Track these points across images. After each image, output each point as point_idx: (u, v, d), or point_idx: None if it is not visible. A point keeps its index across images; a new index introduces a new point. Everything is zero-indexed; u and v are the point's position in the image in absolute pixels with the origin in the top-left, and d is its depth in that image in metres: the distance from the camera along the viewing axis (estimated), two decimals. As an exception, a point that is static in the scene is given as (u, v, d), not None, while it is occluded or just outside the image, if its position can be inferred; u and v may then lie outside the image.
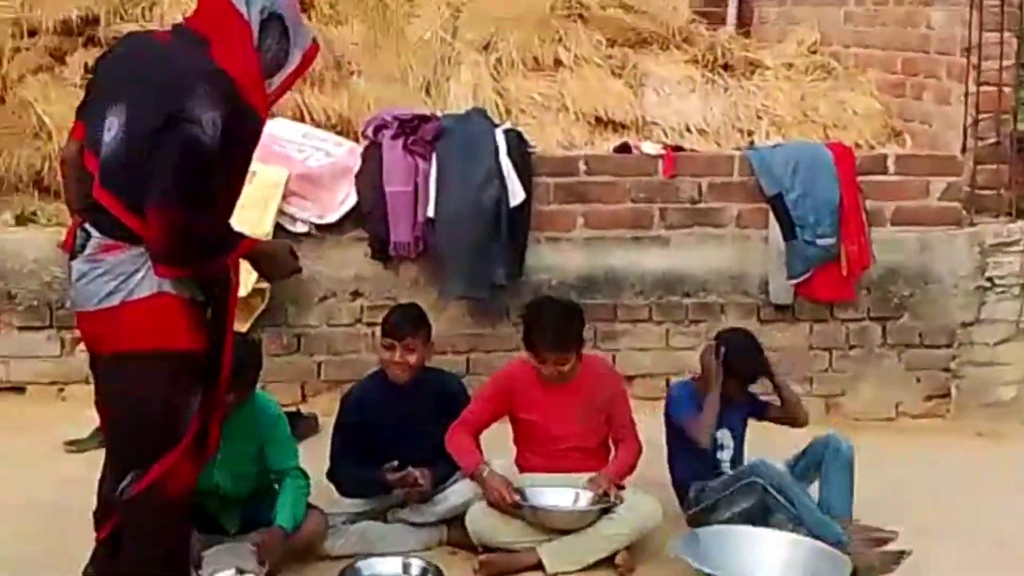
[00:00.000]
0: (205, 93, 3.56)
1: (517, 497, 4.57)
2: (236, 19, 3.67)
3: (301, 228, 5.99)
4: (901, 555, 4.66)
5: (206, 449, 3.89)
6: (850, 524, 4.81)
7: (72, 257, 3.78)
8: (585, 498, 4.67)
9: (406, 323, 4.87)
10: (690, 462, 4.97)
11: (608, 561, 4.61)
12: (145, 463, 3.71)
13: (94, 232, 3.70)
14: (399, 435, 4.84)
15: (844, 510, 4.88)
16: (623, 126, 6.86)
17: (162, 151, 3.54)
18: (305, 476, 4.65)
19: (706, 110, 6.99)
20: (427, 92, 6.84)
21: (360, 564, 4.50)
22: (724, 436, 5.00)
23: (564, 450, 4.84)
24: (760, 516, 4.76)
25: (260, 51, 3.72)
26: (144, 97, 3.62)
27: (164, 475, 3.70)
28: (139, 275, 3.66)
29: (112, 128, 3.63)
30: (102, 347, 3.78)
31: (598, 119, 6.86)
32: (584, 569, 4.58)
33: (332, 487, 4.89)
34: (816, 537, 4.62)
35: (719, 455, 4.99)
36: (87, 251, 3.71)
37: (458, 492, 4.81)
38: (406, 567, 4.57)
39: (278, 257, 4.03)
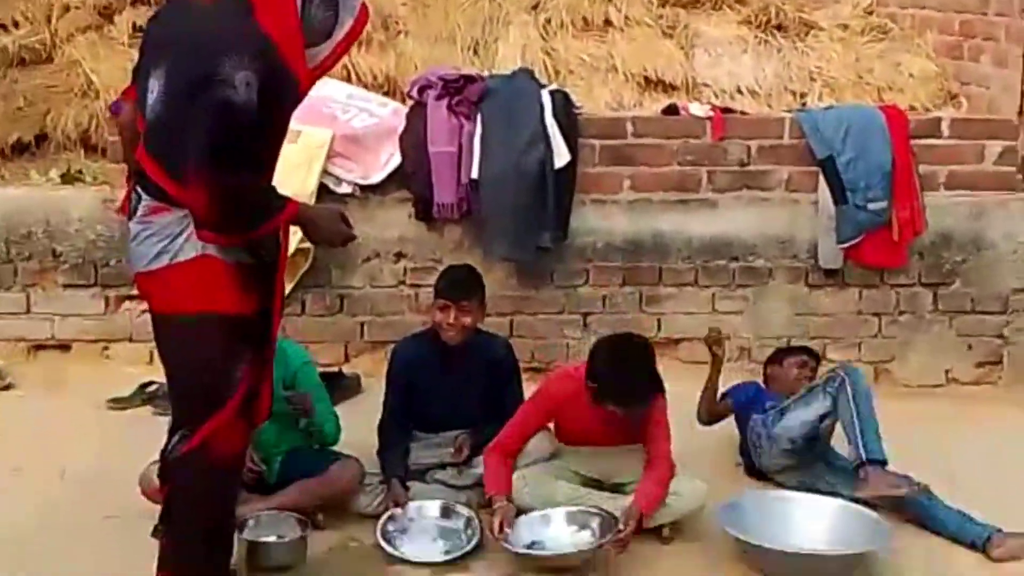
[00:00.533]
0: (240, 53, 3.51)
1: (508, 532, 4.39)
2: None
3: (346, 189, 5.97)
4: None
5: (257, 413, 3.87)
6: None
7: (129, 218, 3.80)
8: (592, 528, 4.49)
9: (462, 284, 4.84)
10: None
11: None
12: (194, 424, 3.72)
13: (143, 194, 3.72)
14: (446, 397, 4.86)
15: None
16: (673, 87, 6.76)
17: (196, 114, 3.51)
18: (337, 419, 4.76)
19: (758, 71, 6.87)
20: (475, 52, 6.79)
21: (395, 511, 4.58)
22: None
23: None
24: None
25: (306, 17, 3.67)
26: (182, 58, 3.58)
27: (210, 437, 3.70)
28: (182, 238, 3.67)
29: (154, 90, 3.61)
30: (154, 306, 3.80)
31: (648, 80, 6.77)
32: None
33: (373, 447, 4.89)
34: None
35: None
36: (139, 212, 3.73)
37: None
38: (446, 511, 4.65)
39: (326, 223, 3.96)
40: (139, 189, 3.73)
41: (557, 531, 4.52)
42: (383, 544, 4.44)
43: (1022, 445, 5.60)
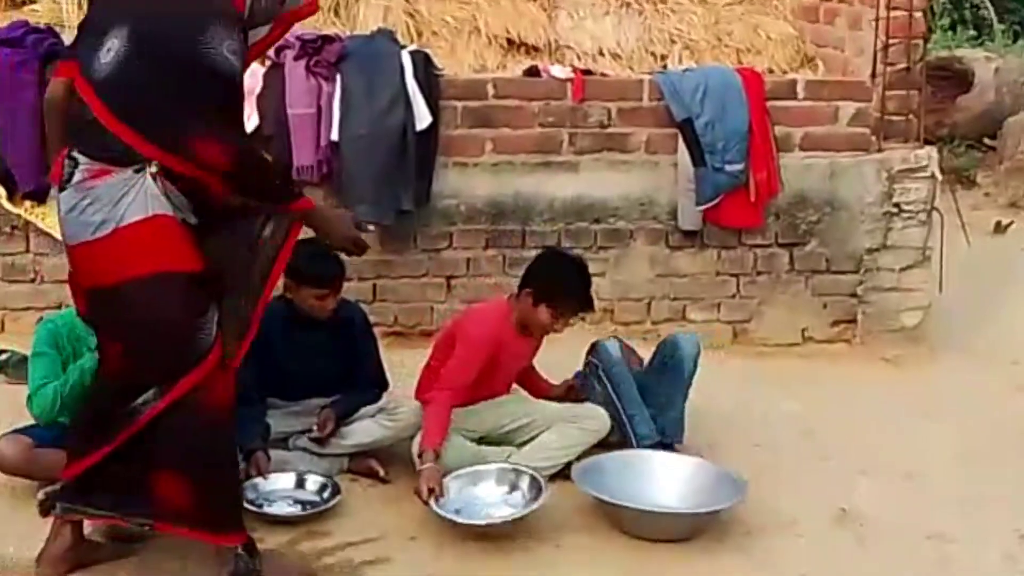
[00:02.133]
0: (224, 23, 3.65)
1: (436, 498, 4.35)
2: None
3: (202, 151, 5.85)
4: None
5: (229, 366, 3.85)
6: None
7: (61, 189, 3.72)
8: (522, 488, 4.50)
9: (335, 270, 4.72)
10: None
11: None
12: (167, 380, 3.68)
13: (82, 159, 3.64)
14: (301, 360, 4.78)
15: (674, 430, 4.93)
16: (536, 49, 6.75)
17: (186, 83, 3.59)
18: None
19: (620, 34, 6.89)
20: (336, 13, 6.68)
21: (257, 480, 4.52)
22: None
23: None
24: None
25: None
26: (154, 21, 3.65)
27: (193, 391, 3.69)
28: (128, 199, 3.62)
29: (112, 49, 3.62)
30: (103, 279, 3.70)
31: (511, 42, 6.75)
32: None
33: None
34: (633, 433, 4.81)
35: None
36: (75, 179, 3.66)
37: (365, 430, 4.79)
38: (301, 481, 4.62)
39: (341, 225, 4.06)
40: (76, 155, 3.66)
41: (487, 491, 4.52)
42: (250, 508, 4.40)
43: (875, 399, 5.80)
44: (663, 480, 4.62)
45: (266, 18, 3.86)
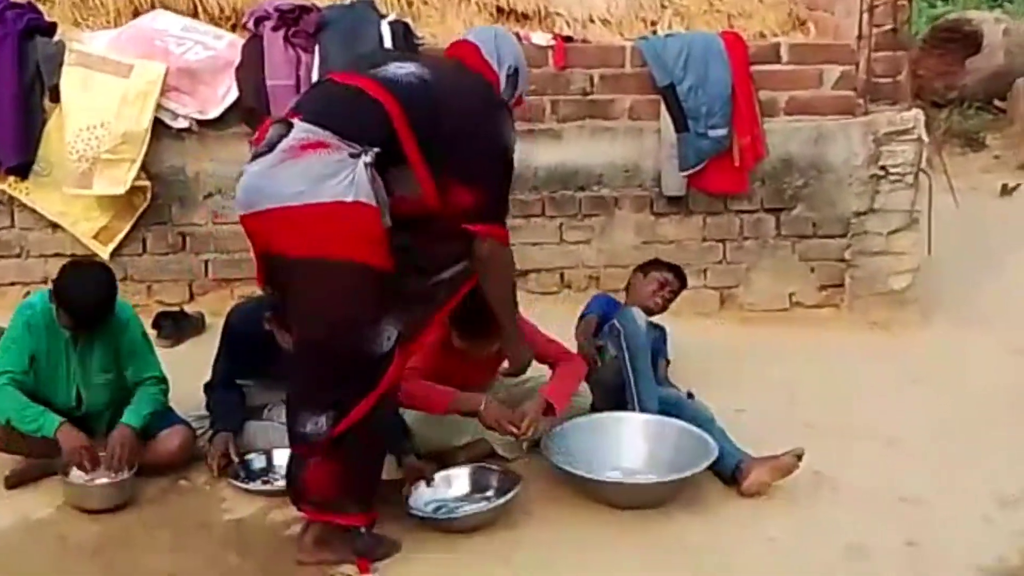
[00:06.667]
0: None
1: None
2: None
3: (182, 124, 5.90)
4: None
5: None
6: None
7: (257, 155, 3.72)
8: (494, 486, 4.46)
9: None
10: None
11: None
12: (342, 404, 3.72)
13: (301, 126, 3.66)
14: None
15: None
16: (526, 16, 6.69)
17: (487, 125, 3.89)
18: (162, 382, 4.60)
19: (611, 0, 6.85)
20: (323, -17, 6.68)
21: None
22: None
23: None
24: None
25: None
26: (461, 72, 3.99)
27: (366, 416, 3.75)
28: (335, 179, 3.61)
29: (406, 70, 3.79)
30: (289, 250, 3.68)
31: (500, 10, 6.69)
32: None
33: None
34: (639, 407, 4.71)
35: None
36: (280, 146, 3.66)
37: None
38: (268, 461, 4.66)
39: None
40: (296, 121, 3.69)
41: (461, 491, 4.48)
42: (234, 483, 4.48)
43: (863, 364, 5.76)
44: (632, 443, 4.61)
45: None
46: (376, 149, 3.65)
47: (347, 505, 3.91)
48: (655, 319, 5.19)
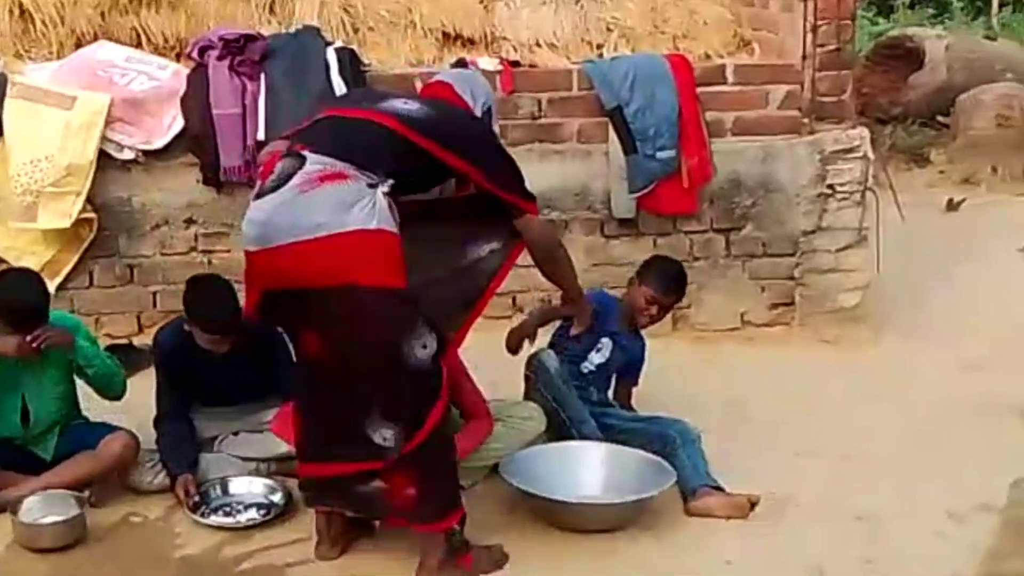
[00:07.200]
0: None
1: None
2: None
3: (128, 155, 5.85)
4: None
5: None
6: None
7: (265, 191, 3.76)
8: None
9: (228, 318, 4.57)
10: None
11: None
12: (411, 419, 3.83)
13: (313, 158, 3.74)
14: (223, 372, 4.71)
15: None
16: (472, 42, 6.71)
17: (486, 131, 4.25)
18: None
19: (557, 24, 6.85)
20: (271, 10, 6.61)
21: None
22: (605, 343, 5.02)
23: None
24: None
25: None
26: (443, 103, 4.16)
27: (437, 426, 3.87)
28: (356, 208, 3.69)
29: (411, 105, 3.95)
30: (315, 281, 3.72)
31: (447, 35, 6.69)
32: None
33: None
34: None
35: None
36: (293, 181, 3.70)
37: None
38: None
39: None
40: (306, 153, 3.76)
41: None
42: (195, 518, 4.44)
43: (815, 382, 5.80)
44: (588, 468, 4.61)
45: None
46: (391, 181, 3.78)
47: (437, 509, 3.98)
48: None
